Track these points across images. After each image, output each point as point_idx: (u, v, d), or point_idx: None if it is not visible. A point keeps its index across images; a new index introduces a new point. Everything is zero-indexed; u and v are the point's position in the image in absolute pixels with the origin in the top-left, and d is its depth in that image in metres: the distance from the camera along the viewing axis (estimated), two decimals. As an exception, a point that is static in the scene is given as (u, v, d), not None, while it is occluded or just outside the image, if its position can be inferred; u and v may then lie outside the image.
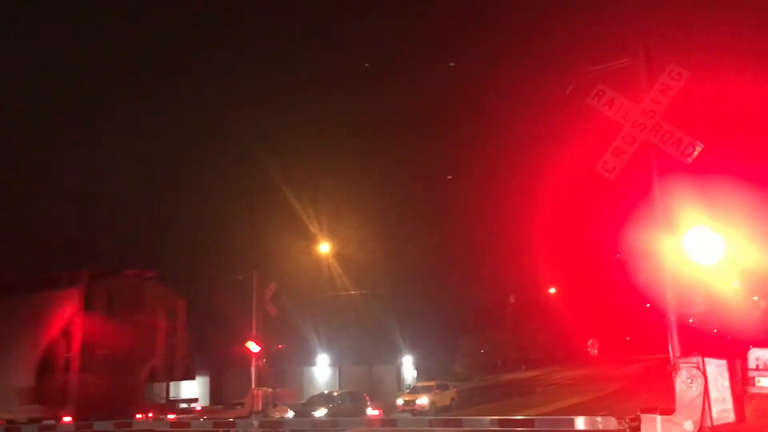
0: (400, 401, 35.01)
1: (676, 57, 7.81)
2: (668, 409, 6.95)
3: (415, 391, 37.18)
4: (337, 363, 52.63)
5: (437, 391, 35.57)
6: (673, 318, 7.34)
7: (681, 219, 7.21)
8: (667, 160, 7.35)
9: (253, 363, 21.54)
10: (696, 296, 7.40)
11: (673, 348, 7.24)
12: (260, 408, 20.69)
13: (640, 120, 7.48)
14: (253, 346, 20.99)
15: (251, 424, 16.72)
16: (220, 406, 33.75)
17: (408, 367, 60.34)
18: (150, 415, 19.25)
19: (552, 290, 75.90)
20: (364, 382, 50.73)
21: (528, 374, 63.72)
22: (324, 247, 37.96)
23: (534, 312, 72.75)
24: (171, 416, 17.64)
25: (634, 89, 7.91)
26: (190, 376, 43.12)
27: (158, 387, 46.06)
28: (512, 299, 72.39)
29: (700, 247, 7.00)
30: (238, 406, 23.85)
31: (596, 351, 55.58)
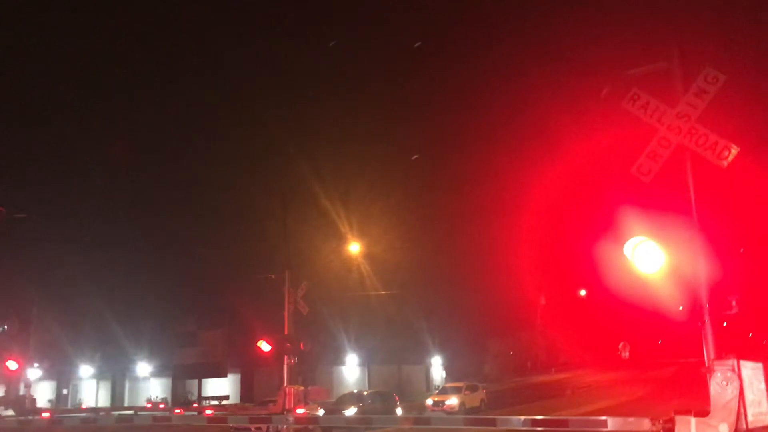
0: (429, 401, 35.11)
1: (712, 60, 7.82)
2: (703, 411, 6.99)
3: (444, 391, 37.24)
4: (366, 362, 52.89)
5: (467, 392, 35.59)
6: (707, 320, 7.36)
7: (715, 222, 7.24)
8: (702, 163, 7.38)
9: (285, 361, 21.77)
10: (731, 299, 7.40)
11: (708, 350, 7.26)
12: (292, 405, 20.97)
13: (675, 123, 7.51)
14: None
15: (287, 419, 17.02)
16: (251, 404, 34.22)
17: (437, 368, 60.36)
18: (177, 411, 19.71)
19: (582, 292, 75.24)
20: (393, 381, 50.92)
21: (558, 377, 63.23)
22: (354, 247, 38.13)
23: (564, 314, 72.17)
24: (208, 412, 17.97)
25: (668, 93, 7.94)
26: (221, 374, 43.96)
27: (190, 384, 47.03)
28: (543, 301, 71.96)
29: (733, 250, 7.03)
30: (270, 404, 24.19)
31: (627, 354, 54.97)
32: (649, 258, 7.37)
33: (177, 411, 16.12)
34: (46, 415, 18.04)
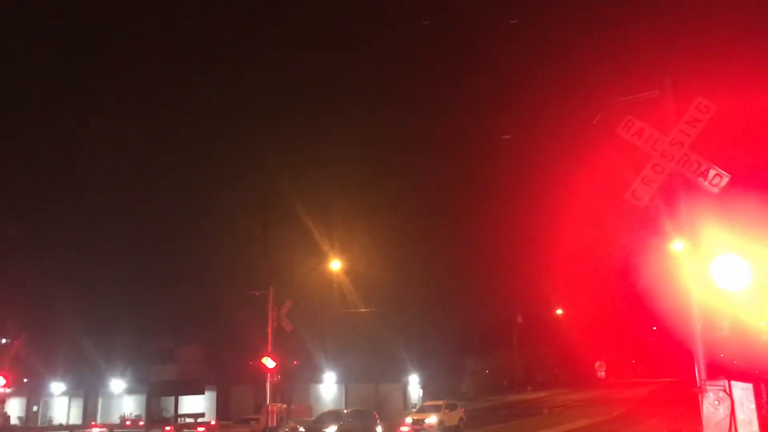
0: (408, 420, 34.96)
1: (703, 89, 8.12)
2: (694, 430, 7.19)
3: (423, 410, 37.12)
4: (343, 380, 52.60)
5: (446, 410, 35.51)
6: (699, 342, 7.58)
7: (708, 246, 7.47)
8: (694, 189, 7.64)
9: (269, 379, 21.68)
10: (721, 321, 7.65)
11: (700, 371, 7.47)
12: (275, 424, 20.90)
13: (668, 150, 7.78)
14: (269, 362, 21.16)
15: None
16: (230, 422, 33.89)
17: (414, 386, 60.24)
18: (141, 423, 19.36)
19: (559, 311, 75.83)
20: (371, 400, 50.66)
21: (534, 395, 63.47)
22: (335, 264, 38.17)
23: (541, 333, 72.63)
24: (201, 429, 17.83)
25: (661, 119, 8.22)
26: (199, 391, 43.46)
27: (165, 401, 46.38)
28: (519, 319, 72.33)
29: (728, 274, 7.24)
30: (253, 422, 24.05)
31: (603, 373, 55.42)
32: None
33: (168, 428, 15.95)
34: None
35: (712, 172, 7.50)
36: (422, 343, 56.23)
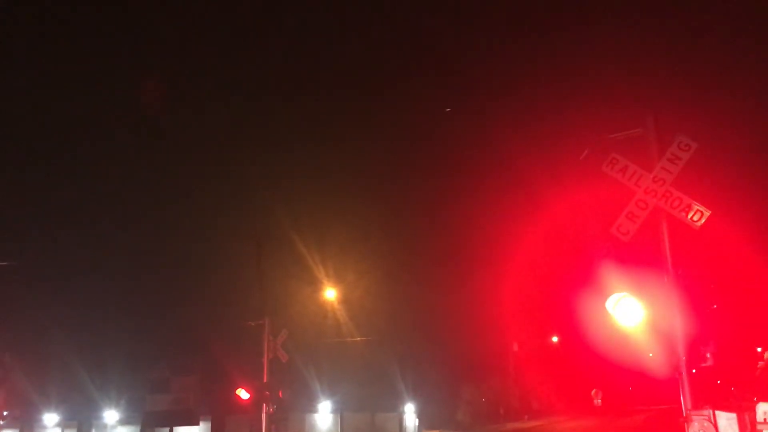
0: (404, 450, 34.83)
1: (685, 127, 8.45)
2: (682, 460, 7.38)
3: (419, 439, 37.02)
4: (339, 410, 52.30)
5: (441, 439, 35.45)
6: (684, 372, 7.80)
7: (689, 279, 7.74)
8: (677, 225, 7.92)
9: (264, 409, 21.69)
10: (706, 351, 7.87)
11: (686, 400, 7.68)
12: (270, 454, 20.88)
13: (651, 187, 8.09)
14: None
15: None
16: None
17: (410, 415, 59.89)
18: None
19: (555, 339, 75.77)
20: (366, 429, 50.39)
21: (531, 424, 63.13)
22: (330, 293, 38.34)
23: (537, 360, 72.46)
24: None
25: (645, 157, 8.54)
26: (193, 422, 43.18)
27: (160, 432, 45.93)
28: (515, 347, 72.17)
29: (708, 305, 7.52)
30: (248, 453, 24.00)
31: (600, 401, 55.29)
32: (629, 312, 7.83)
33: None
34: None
35: (693, 208, 7.79)
36: (418, 371, 56.09)
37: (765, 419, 7.32)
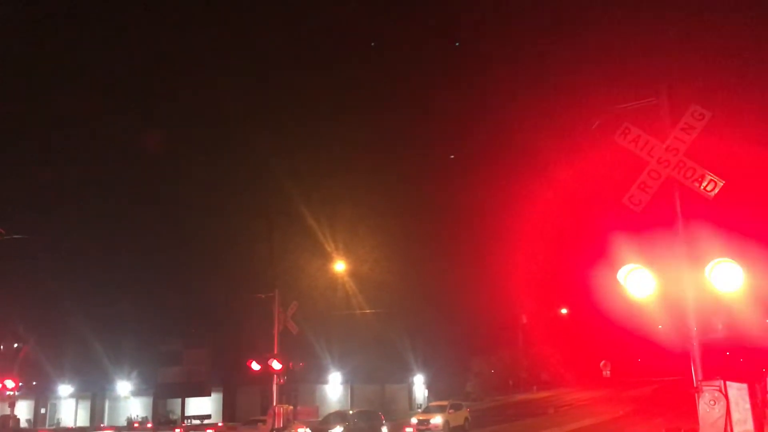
0: (414, 420, 35.19)
1: (699, 96, 8.32)
2: (692, 430, 7.39)
3: (428, 410, 37.35)
4: (349, 381, 52.81)
5: (451, 410, 35.75)
6: (695, 343, 7.78)
7: (704, 251, 7.67)
8: (690, 195, 7.83)
9: (275, 380, 21.89)
10: (717, 322, 7.85)
11: (696, 371, 7.67)
12: (281, 425, 21.12)
13: (664, 157, 7.98)
14: (275, 364, 21.34)
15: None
16: (237, 423, 34.16)
17: (419, 387, 60.41)
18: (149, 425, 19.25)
19: (564, 311, 75.91)
20: (376, 400, 50.89)
21: (540, 395, 63.62)
22: (339, 266, 38.42)
23: (546, 332, 72.70)
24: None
25: (657, 126, 8.42)
26: (205, 393, 43.72)
27: (172, 403, 46.67)
28: (524, 319, 72.42)
29: (722, 277, 7.46)
30: (260, 423, 24.26)
31: (608, 372, 55.45)
32: (641, 284, 7.78)
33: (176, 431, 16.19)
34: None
35: (707, 178, 7.69)
36: (427, 343, 56.40)
37: (776, 389, 7.31)
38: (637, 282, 7.81)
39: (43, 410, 51.25)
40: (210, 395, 44.58)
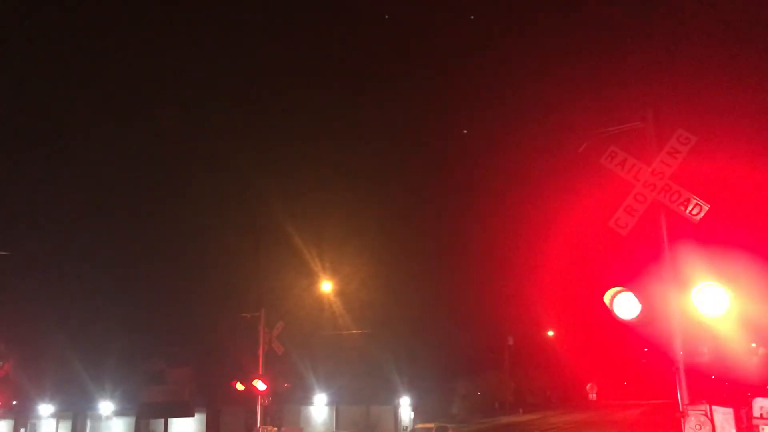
0: (399, 442, 34.89)
1: (684, 121, 8.40)
2: (677, 454, 7.35)
3: (414, 432, 37.08)
4: (334, 402, 52.34)
5: (436, 432, 35.51)
6: (681, 367, 7.77)
7: (689, 275, 7.70)
8: (676, 218, 7.87)
9: (259, 401, 21.65)
10: (702, 346, 7.84)
11: (682, 395, 7.65)
12: (265, 447, 20.87)
13: (650, 180, 8.03)
14: (260, 385, 21.13)
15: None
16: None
17: (405, 408, 59.96)
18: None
19: (550, 333, 75.90)
20: (362, 422, 50.46)
21: (526, 417, 63.32)
22: (326, 286, 38.26)
23: (532, 354, 72.59)
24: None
25: (643, 150, 8.48)
26: (188, 413, 43.09)
27: (155, 423, 45.98)
28: (510, 341, 72.28)
29: (708, 301, 7.47)
30: (243, 445, 23.97)
31: (595, 395, 55.41)
32: (627, 307, 7.78)
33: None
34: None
35: (692, 202, 7.74)
36: (413, 365, 56.07)
37: (761, 414, 7.30)
38: (623, 305, 7.82)
39: (23, 430, 50.30)
40: (193, 416, 43.91)
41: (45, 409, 49.00)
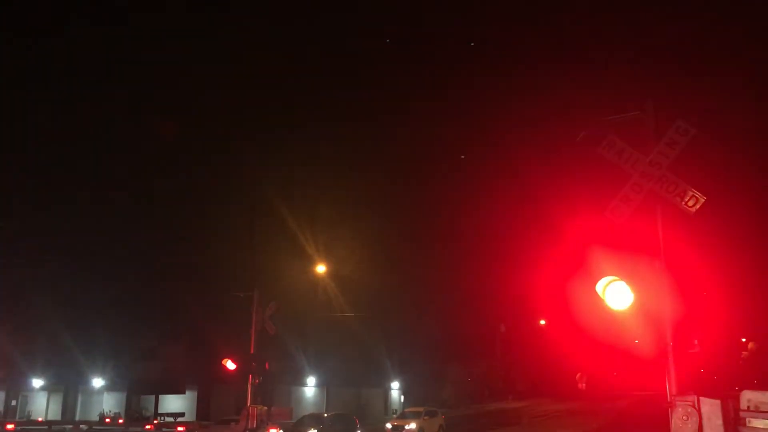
0: (389, 426, 35.10)
1: (684, 112, 8.36)
2: (664, 444, 7.39)
3: (404, 416, 37.28)
4: (325, 384, 52.63)
5: (426, 417, 35.67)
6: (671, 358, 7.79)
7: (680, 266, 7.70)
8: (671, 209, 7.85)
9: (250, 380, 21.72)
10: (693, 338, 7.86)
11: (671, 386, 7.68)
12: (254, 426, 20.96)
13: (647, 170, 8.00)
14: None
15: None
16: (210, 422, 33.83)
17: (395, 392, 60.38)
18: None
19: (542, 322, 76.23)
20: (352, 404, 50.77)
21: (515, 404, 63.79)
22: (320, 268, 38.37)
23: (523, 342, 72.98)
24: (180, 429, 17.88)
25: (641, 140, 8.45)
26: (180, 390, 43.28)
27: (146, 399, 46.17)
28: (502, 328, 72.66)
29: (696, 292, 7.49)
30: (233, 423, 24.06)
31: (584, 385, 55.71)
32: (619, 296, 7.79)
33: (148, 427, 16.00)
34: (10, 426, 17.74)
35: (688, 194, 7.72)
36: (405, 349, 56.38)
37: (749, 407, 7.34)
38: (615, 295, 7.82)
39: (14, 402, 50.40)
40: (184, 392, 44.14)
41: (36, 382, 49.06)
